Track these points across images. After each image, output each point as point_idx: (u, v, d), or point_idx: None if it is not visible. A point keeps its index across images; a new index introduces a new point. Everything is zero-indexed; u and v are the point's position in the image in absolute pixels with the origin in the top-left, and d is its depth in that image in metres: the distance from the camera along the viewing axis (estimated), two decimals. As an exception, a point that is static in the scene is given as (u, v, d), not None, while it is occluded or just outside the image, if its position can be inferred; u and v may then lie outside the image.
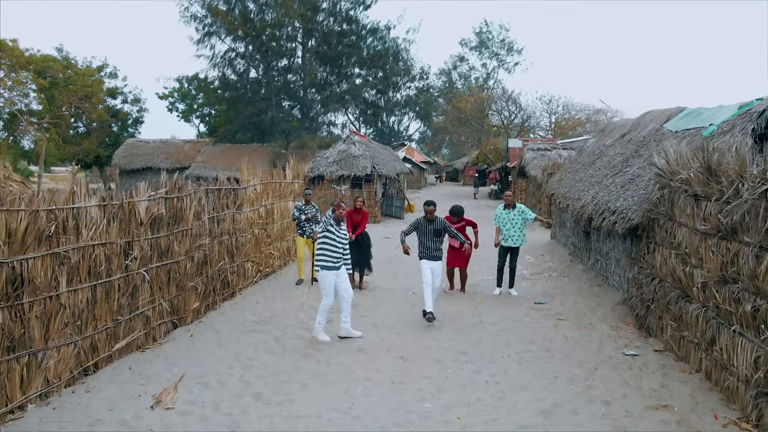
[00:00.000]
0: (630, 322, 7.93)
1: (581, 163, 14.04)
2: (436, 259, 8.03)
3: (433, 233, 8.00)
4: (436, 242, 8.01)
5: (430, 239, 8.00)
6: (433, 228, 8.01)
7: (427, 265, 7.99)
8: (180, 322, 7.78)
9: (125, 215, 6.58)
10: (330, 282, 7.24)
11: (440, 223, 8.06)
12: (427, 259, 8.03)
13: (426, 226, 8.07)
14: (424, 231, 8.06)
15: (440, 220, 8.10)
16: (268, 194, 11.39)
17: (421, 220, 8.15)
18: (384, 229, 19.68)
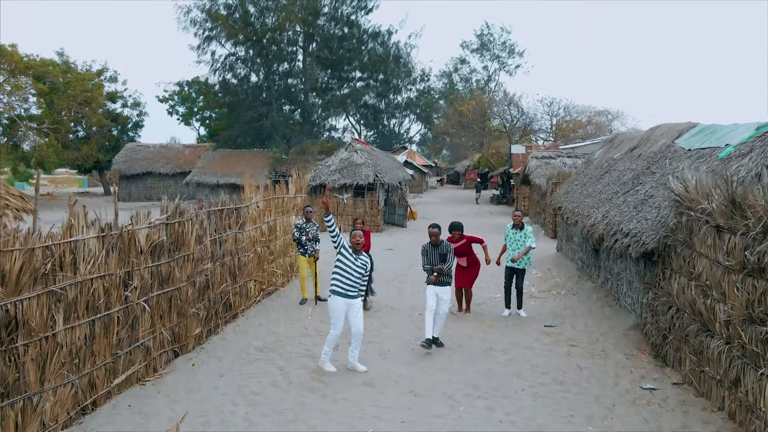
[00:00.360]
0: (645, 349, 7.70)
1: (589, 176, 13.82)
2: (443, 285, 7.81)
3: (439, 258, 7.81)
4: (445, 266, 7.78)
5: (437, 264, 7.80)
6: (438, 253, 7.84)
7: (433, 291, 7.77)
8: (181, 349, 7.55)
9: (125, 245, 6.35)
10: (339, 310, 6.96)
11: (445, 247, 7.88)
12: (434, 284, 7.80)
13: (431, 251, 7.91)
14: (430, 256, 7.88)
15: (445, 245, 7.92)
16: (270, 210, 11.16)
17: (426, 246, 8.01)
18: (387, 239, 19.46)
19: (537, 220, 22.57)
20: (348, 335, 7.21)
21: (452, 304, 9.62)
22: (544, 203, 20.63)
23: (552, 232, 19.15)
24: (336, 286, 6.97)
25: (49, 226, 16.91)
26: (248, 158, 32.27)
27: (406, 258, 15.57)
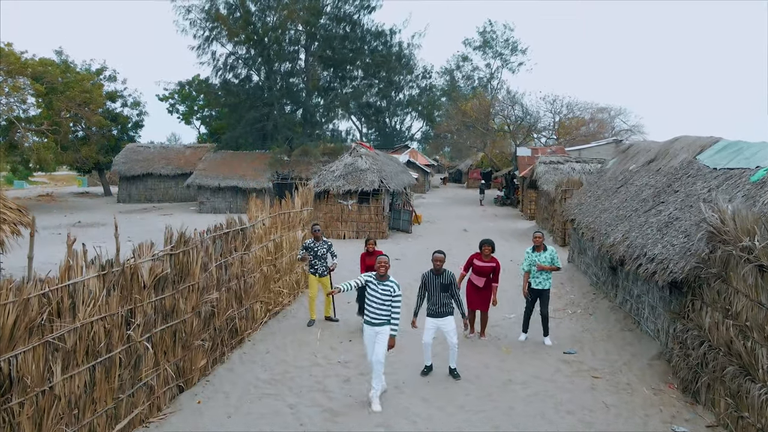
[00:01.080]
0: (673, 383, 7.34)
1: (603, 188, 13.43)
2: (443, 315, 7.43)
3: (441, 288, 7.41)
4: (443, 297, 7.44)
5: (437, 294, 7.44)
6: (440, 282, 7.43)
7: (433, 323, 7.46)
8: (186, 384, 7.19)
9: (127, 281, 5.98)
10: (367, 337, 6.91)
11: (448, 277, 7.46)
12: (433, 316, 7.46)
13: (433, 280, 7.48)
14: (431, 286, 7.48)
15: (448, 274, 7.47)
16: (276, 227, 10.78)
17: (427, 275, 7.55)
18: (393, 248, 19.08)
19: (545, 226, 22.19)
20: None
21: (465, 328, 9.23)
22: (552, 209, 20.26)
23: (561, 240, 18.79)
24: (366, 314, 6.93)
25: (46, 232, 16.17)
26: (250, 160, 31.86)
27: (414, 269, 15.18)
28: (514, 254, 17.68)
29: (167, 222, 25.36)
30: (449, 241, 20.32)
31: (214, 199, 30.25)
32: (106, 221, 25.34)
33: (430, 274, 7.51)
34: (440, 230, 23.62)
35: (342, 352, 8.65)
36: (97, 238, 20.29)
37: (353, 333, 9.57)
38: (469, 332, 9.43)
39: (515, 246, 19.68)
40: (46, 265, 15.39)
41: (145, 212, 30.28)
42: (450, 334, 7.44)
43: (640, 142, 14.56)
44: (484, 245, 9.10)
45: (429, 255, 17.14)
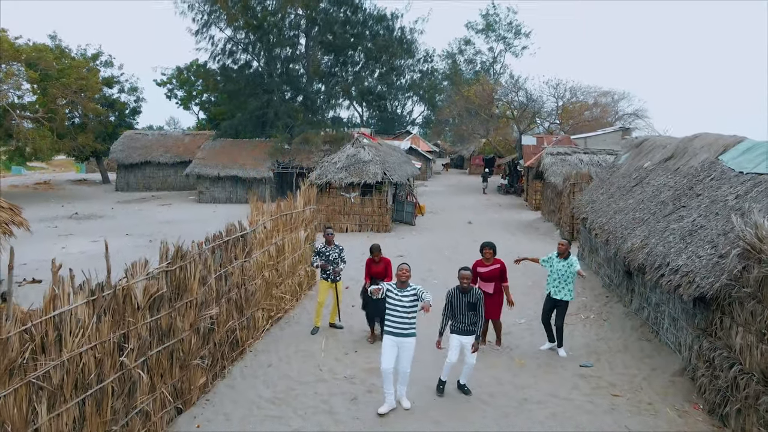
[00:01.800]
0: (698, 403, 6.96)
1: (616, 185, 12.95)
2: (469, 334, 7.02)
3: (467, 307, 6.96)
4: (470, 316, 6.98)
5: (464, 313, 6.99)
6: (467, 301, 6.97)
7: (458, 341, 7.05)
8: (185, 404, 6.82)
9: (119, 304, 5.56)
10: (387, 347, 6.71)
11: (475, 295, 6.98)
12: (458, 333, 7.05)
13: (459, 299, 7.03)
14: (458, 304, 7.03)
15: (475, 292, 7.00)
16: (278, 230, 10.34)
17: (453, 293, 7.09)
18: (396, 242, 18.66)
19: (551, 218, 21.75)
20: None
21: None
22: (559, 202, 19.80)
23: (569, 235, 18.33)
24: (387, 324, 6.79)
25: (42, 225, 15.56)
26: (250, 148, 31.29)
27: (419, 267, 14.76)
28: (521, 249, 17.25)
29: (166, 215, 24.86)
30: (455, 236, 19.91)
31: (214, 188, 29.76)
32: (104, 213, 24.91)
33: (456, 292, 7.05)
34: (444, 222, 23.18)
35: (348, 365, 8.27)
36: (94, 232, 19.90)
37: (358, 342, 9.19)
38: (481, 343, 9.00)
39: (521, 240, 19.27)
40: (41, 263, 15.01)
41: (143, 202, 29.81)
42: (470, 355, 7.04)
43: (654, 137, 14.03)
44: (484, 248, 8.67)
45: (434, 251, 16.90)
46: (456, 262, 15.52)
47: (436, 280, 13.33)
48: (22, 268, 14.06)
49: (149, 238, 18.72)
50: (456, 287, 7.08)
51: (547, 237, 19.61)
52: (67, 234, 19.19)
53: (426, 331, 9.38)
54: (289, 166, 30.18)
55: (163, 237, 18.83)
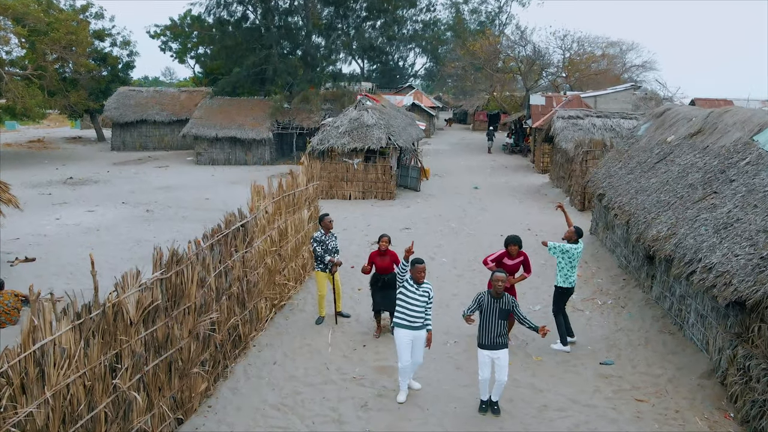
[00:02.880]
0: (728, 412, 6.57)
1: (636, 160, 12.27)
2: (500, 347, 6.31)
3: (499, 314, 6.23)
4: (501, 326, 6.28)
5: (494, 321, 6.26)
6: (498, 307, 6.24)
7: (487, 357, 6.31)
8: (186, 413, 6.43)
9: (109, 323, 5.05)
10: (404, 342, 6.66)
11: (509, 302, 6.28)
12: (488, 348, 6.30)
13: (491, 304, 6.26)
14: (488, 311, 6.27)
15: (509, 299, 6.29)
16: (280, 212, 9.76)
17: (484, 297, 6.32)
18: (401, 211, 18.09)
19: (560, 185, 21.11)
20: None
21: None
22: (570, 169, 19.10)
23: (580, 204, 17.77)
24: (400, 318, 6.69)
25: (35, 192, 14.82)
26: (248, 107, 30.23)
27: (426, 243, 14.27)
28: (531, 220, 16.73)
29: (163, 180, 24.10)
30: (461, 203, 19.33)
31: (212, 149, 28.92)
32: (99, 177, 24.20)
33: (487, 297, 6.29)
34: (450, 187, 22.54)
35: (356, 363, 7.87)
36: (90, 200, 19.30)
37: (366, 335, 8.77)
38: None
39: (531, 208, 18.71)
40: (35, 237, 14.50)
41: (139, 164, 29.04)
42: (502, 371, 6.32)
43: (677, 107, 13.23)
44: (510, 245, 8.12)
45: (440, 223, 16.37)
46: (464, 235, 15.03)
47: (445, 258, 12.86)
48: (14, 244, 13.57)
49: (146, 207, 18.14)
50: (487, 291, 6.34)
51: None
52: (62, 202, 18.60)
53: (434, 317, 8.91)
54: (289, 127, 29.24)
55: (160, 206, 18.40)
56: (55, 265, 12.07)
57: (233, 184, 22.71)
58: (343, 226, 15.80)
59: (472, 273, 11.89)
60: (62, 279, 11.31)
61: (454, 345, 8.50)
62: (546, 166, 25.44)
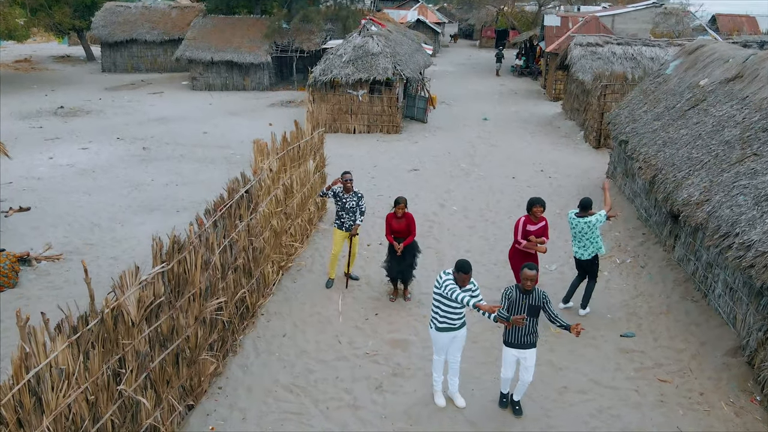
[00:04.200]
0: (754, 396, 6.38)
1: (664, 104, 11.44)
2: (528, 346, 5.77)
3: (529, 310, 5.63)
4: (533, 322, 5.71)
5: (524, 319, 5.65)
6: (528, 303, 5.62)
7: (513, 355, 5.82)
8: (196, 398, 6.23)
9: (109, 330, 4.67)
10: (442, 343, 6.03)
11: (539, 297, 5.63)
12: (515, 346, 5.78)
13: (519, 300, 5.64)
14: (516, 307, 5.67)
15: (539, 294, 5.64)
16: (285, 168, 9.17)
17: (512, 292, 5.68)
18: (408, 148, 17.36)
19: (574, 117, 20.20)
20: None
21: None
22: (587, 102, 18.17)
23: (595, 142, 17.03)
24: (439, 321, 5.91)
25: (26, 125, 14.13)
26: (244, 27, 28.44)
27: (436, 187, 13.74)
28: (543, 159, 16.09)
29: (158, 110, 23.02)
30: (471, 138, 18.55)
31: (208, 74, 27.53)
32: (91, 106, 23.13)
33: (515, 292, 5.65)
34: (458, 119, 21.61)
35: (369, 335, 7.61)
36: (83, 134, 18.48)
37: (378, 300, 8.48)
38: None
39: (543, 144, 17.97)
40: (28, 180, 13.91)
41: (133, 89, 27.75)
42: (528, 371, 5.85)
43: (712, 44, 12.17)
44: (534, 206, 7.58)
45: (449, 162, 15.78)
46: (474, 177, 14.44)
47: (456, 207, 12.37)
48: (8, 189, 13.04)
49: (142, 144, 17.39)
50: (516, 286, 5.72)
51: (569, 141, 18.28)
52: (54, 138, 17.83)
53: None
54: (288, 49, 27.67)
55: (157, 143, 17.61)
56: (51, 214, 11.62)
57: (232, 116, 21.76)
58: (346, 166, 15.18)
59: (485, 224, 11.46)
60: (60, 230, 10.91)
61: (469, 313, 8.16)
62: (558, 94, 24.33)
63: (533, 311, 5.60)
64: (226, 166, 15.27)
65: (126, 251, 10.07)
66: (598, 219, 7.65)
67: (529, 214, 7.66)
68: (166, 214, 11.78)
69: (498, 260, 9.86)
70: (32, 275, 9.21)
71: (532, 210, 7.58)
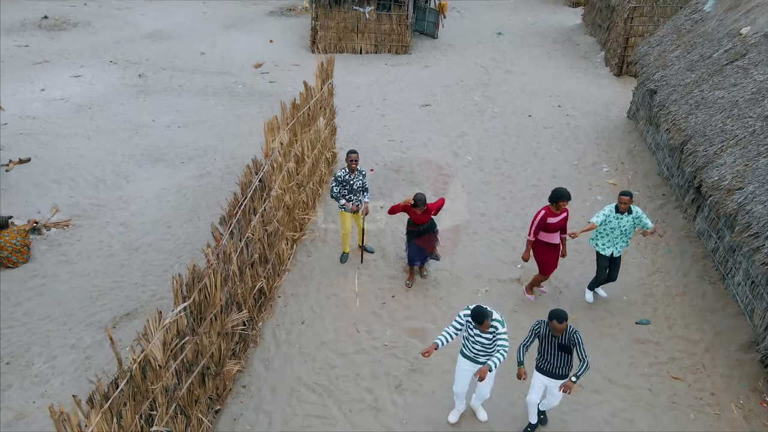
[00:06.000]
0: (764, 397, 6.57)
1: (699, 51, 10.60)
2: (559, 378, 5.68)
3: (558, 348, 5.53)
4: (563, 360, 5.57)
5: (554, 353, 5.57)
6: (558, 343, 5.51)
7: (541, 383, 5.78)
8: (221, 400, 6.42)
9: (139, 384, 4.67)
10: (463, 370, 5.88)
11: (571, 337, 5.44)
12: (545, 373, 5.71)
13: (548, 339, 5.54)
14: (546, 345, 5.59)
15: (571, 336, 5.43)
16: (296, 137, 8.71)
17: (542, 329, 5.54)
18: (417, 73, 16.44)
19: (594, 33, 18.93)
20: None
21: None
22: (610, 18, 16.90)
23: (617, 68, 16.08)
24: (465, 349, 5.81)
25: (11, 42, 13.80)
26: None
27: (449, 126, 13.22)
28: (560, 90, 15.31)
29: (151, 22, 21.37)
30: (484, 60, 17.52)
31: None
32: (78, 16, 21.46)
33: (544, 329, 5.53)
34: (470, 34, 20.25)
35: (387, 323, 7.67)
36: (73, 56, 17.37)
37: (393, 279, 8.45)
38: (529, 293, 8.16)
39: (560, 65, 17.04)
40: (24, 120, 13.27)
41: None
42: (555, 399, 5.88)
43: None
44: (559, 200, 7.23)
45: (463, 95, 15.29)
46: (489, 115, 13.81)
47: (470, 157, 11.95)
48: (4, 132, 12.51)
49: (137, 69, 16.41)
50: (547, 324, 5.53)
51: (589, 64, 17.29)
52: (42, 61, 16.78)
53: (466, 255, 8.45)
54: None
55: (152, 68, 16.56)
56: (53, 167, 11.24)
57: (229, 29, 20.34)
58: (355, 100, 14.51)
59: (501, 179, 11.13)
60: (64, 188, 10.63)
61: (485, 294, 8.23)
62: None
63: (564, 350, 5.48)
64: (229, 99, 14.58)
65: (135, 215, 9.88)
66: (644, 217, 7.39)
67: (552, 205, 7.34)
68: (171, 166, 11.42)
69: (514, 226, 9.71)
70: (44, 246, 9.11)
71: (558, 203, 7.25)
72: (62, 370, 6.94)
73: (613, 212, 7.37)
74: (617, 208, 7.34)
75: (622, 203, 7.26)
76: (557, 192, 7.28)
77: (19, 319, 7.65)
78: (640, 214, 7.38)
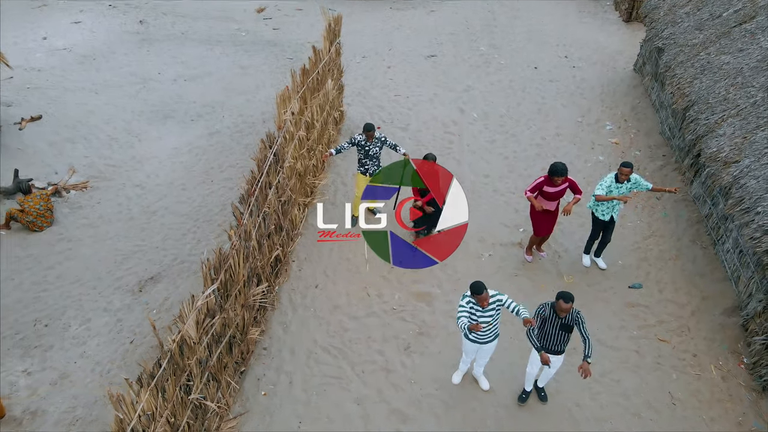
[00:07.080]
0: (742, 359, 7.18)
1: (709, 9, 10.48)
2: (555, 353, 6.17)
3: (561, 328, 5.94)
4: (564, 336, 6.02)
5: (555, 333, 5.99)
6: (561, 323, 5.91)
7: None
8: (246, 363, 7.03)
9: (177, 361, 5.21)
10: (470, 351, 6.46)
11: (573, 318, 5.87)
12: (544, 350, 6.11)
13: (553, 320, 5.93)
14: (549, 323, 5.97)
15: (574, 316, 5.86)
16: (306, 104, 8.87)
17: (547, 311, 5.91)
18: (423, 19, 16.10)
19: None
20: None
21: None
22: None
23: (626, 14, 15.78)
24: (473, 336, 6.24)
25: None
26: None
27: (454, 78, 13.23)
28: (568, 39, 15.11)
29: None
30: (490, 4, 17.07)
31: None
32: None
33: (550, 312, 5.90)
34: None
35: (395, 286, 8.17)
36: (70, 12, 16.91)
37: (402, 240, 8.91)
38: (529, 255, 8.61)
39: (568, 10, 16.65)
40: (29, 73, 13.24)
41: None
42: (552, 370, 6.42)
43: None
44: (554, 176, 7.48)
45: (469, 44, 15.18)
46: (494, 67, 13.75)
47: (475, 114, 12.06)
48: (10, 87, 12.55)
49: (138, 16, 16.08)
50: (551, 305, 5.92)
51: (598, 7, 16.92)
52: (41, 5, 16.42)
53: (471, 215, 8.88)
54: None
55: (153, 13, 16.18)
56: (64, 124, 11.41)
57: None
58: (360, 50, 14.39)
59: (505, 138, 11.32)
60: (78, 147, 10.88)
61: (489, 259, 8.69)
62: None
63: (566, 328, 5.94)
64: (233, 48, 14.44)
65: (150, 177, 10.19)
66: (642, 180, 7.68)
67: (550, 179, 7.61)
68: (181, 123, 11.59)
69: (517, 187, 10.03)
70: (66, 209, 9.49)
71: (553, 178, 7.54)
72: (97, 332, 7.52)
73: (614, 182, 7.69)
74: (617, 178, 7.64)
75: (623, 174, 7.56)
76: (553, 168, 7.50)
77: (52, 282, 8.16)
78: (638, 179, 7.67)
